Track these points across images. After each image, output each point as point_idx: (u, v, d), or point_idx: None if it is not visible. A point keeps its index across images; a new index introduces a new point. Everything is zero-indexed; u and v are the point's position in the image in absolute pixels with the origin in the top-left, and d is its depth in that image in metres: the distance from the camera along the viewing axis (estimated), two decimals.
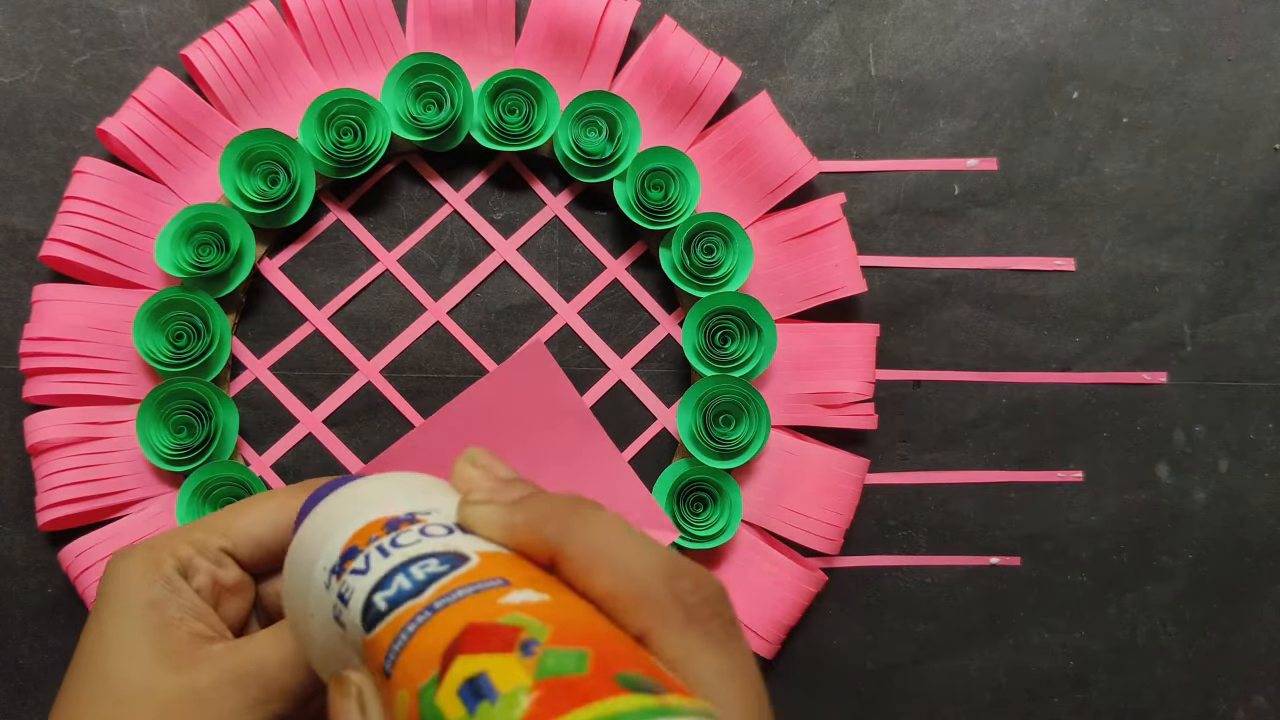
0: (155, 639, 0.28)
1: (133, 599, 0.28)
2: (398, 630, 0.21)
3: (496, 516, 0.24)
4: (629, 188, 0.46)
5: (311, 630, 0.25)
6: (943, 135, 0.49)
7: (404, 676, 0.20)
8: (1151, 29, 0.50)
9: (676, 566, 0.22)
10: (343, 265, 0.48)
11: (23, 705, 0.46)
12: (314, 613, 0.25)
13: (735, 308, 0.46)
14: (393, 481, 0.27)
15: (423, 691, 0.19)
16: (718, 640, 0.21)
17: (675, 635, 0.21)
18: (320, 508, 0.26)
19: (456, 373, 0.47)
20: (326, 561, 0.24)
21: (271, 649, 0.28)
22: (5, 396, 0.46)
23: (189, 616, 0.29)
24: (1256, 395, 0.50)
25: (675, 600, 0.21)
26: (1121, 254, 0.50)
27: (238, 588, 0.31)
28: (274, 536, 0.32)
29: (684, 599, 0.21)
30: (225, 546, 0.31)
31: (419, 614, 0.21)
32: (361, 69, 0.47)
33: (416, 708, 0.19)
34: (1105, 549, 0.50)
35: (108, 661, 0.28)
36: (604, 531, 0.23)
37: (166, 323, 0.44)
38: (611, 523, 0.23)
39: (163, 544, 0.30)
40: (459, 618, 0.20)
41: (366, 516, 0.25)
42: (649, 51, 0.47)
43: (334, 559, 0.24)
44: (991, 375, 0.49)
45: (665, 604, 0.21)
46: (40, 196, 0.46)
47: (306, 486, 0.33)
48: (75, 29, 0.47)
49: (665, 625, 0.21)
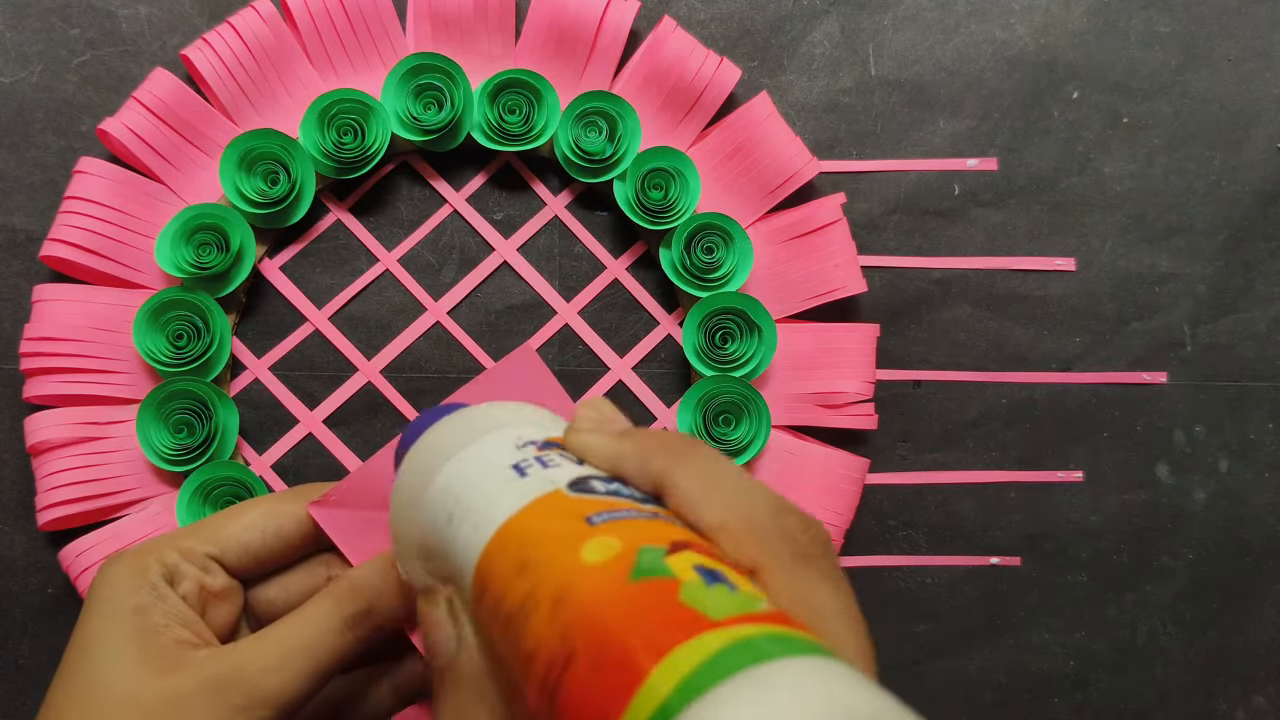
0: (140, 645, 0.28)
1: (118, 605, 0.29)
2: (611, 510, 0.22)
3: (606, 443, 0.25)
4: (629, 188, 0.46)
5: (413, 538, 0.26)
6: (943, 135, 0.49)
7: (620, 531, 0.21)
8: (1151, 29, 0.50)
9: (784, 504, 0.23)
10: (343, 265, 0.48)
11: (23, 705, 0.46)
12: (426, 517, 0.25)
13: (735, 308, 0.46)
14: (522, 409, 0.28)
15: (644, 550, 0.20)
16: (827, 578, 0.21)
17: (785, 571, 0.21)
18: (458, 416, 0.28)
19: (456, 373, 0.47)
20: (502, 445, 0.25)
21: (256, 655, 0.28)
22: (5, 396, 0.46)
23: (174, 623, 0.29)
24: (1256, 395, 0.50)
25: (784, 536, 0.22)
26: (1121, 254, 0.50)
27: (225, 594, 0.31)
28: (262, 543, 0.32)
29: (793, 535, 0.22)
30: (212, 553, 0.31)
31: (633, 512, 0.22)
32: (361, 69, 0.47)
33: (630, 558, 0.19)
34: (1105, 549, 0.50)
35: (92, 667, 0.28)
36: (714, 466, 0.23)
37: (166, 323, 0.44)
38: (719, 459, 0.24)
39: (149, 550, 0.30)
40: (671, 529, 0.21)
41: (520, 428, 0.26)
42: (649, 51, 0.47)
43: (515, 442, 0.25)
44: (991, 375, 0.49)
45: (774, 539, 0.21)
46: (40, 196, 0.46)
47: (297, 493, 0.33)
48: (75, 29, 0.47)
49: (775, 560, 0.21)
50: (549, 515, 0.22)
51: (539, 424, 0.28)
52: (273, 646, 0.29)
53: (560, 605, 0.19)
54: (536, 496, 0.23)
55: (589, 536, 0.21)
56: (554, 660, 0.18)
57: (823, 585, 0.21)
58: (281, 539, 0.32)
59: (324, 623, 0.29)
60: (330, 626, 0.29)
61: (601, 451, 0.25)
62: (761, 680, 0.16)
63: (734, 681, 0.16)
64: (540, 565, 0.21)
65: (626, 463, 0.24)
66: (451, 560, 0.24)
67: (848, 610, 0.21)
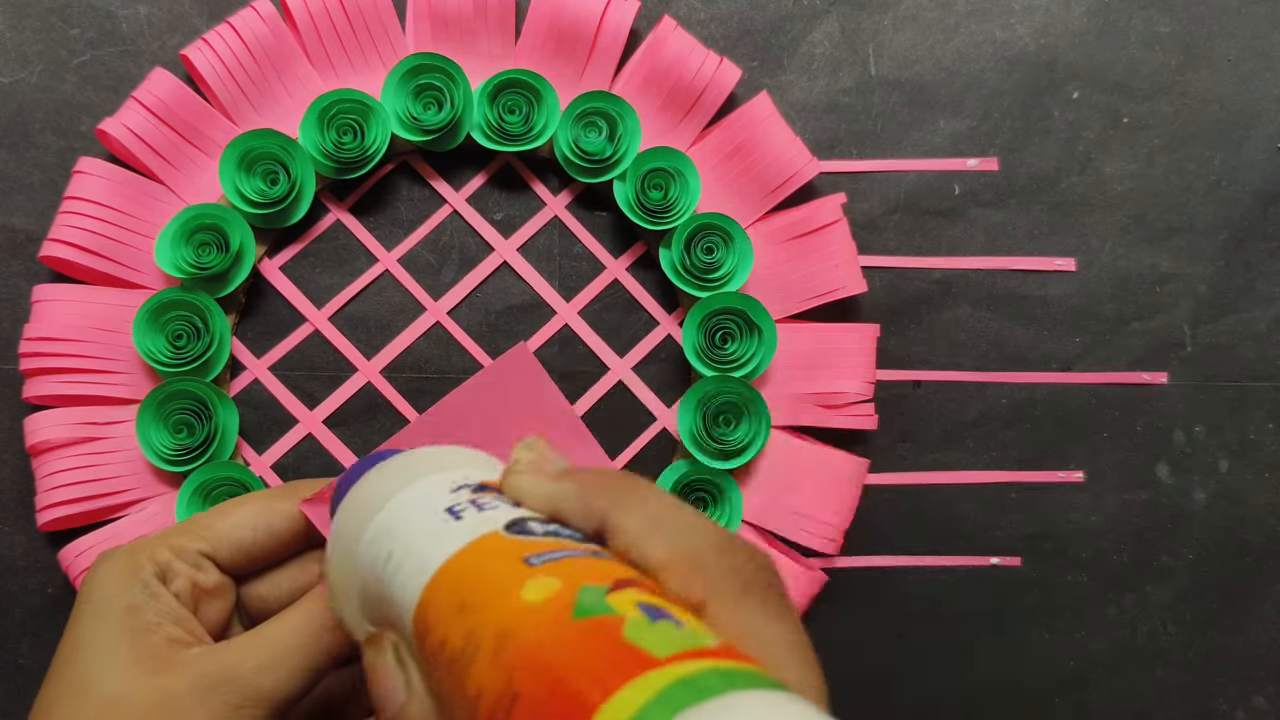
0: (131, 643, 0.28)
1: (110, 604, 0.29)
2: (549, 550, 0.21)
3: (543, 485, 0.24)
4: (629, 188, 0.46)
5: (352, 585, 0.26)
6: (943, 135, 0.49)
7: (560, 570, 0.20)
8: (1151, 29, 0.50)
9: (729, 539, 0.22)
10: (343, 265, 0.48)
11: (23, 705, 0.46)
12: (364, 562, 0.25)
13: (735, 308, 0.46)
14: (456, 452, 0.28)
15: (585, 589, 0.19)
16: (775, 612, 0.21)
17: (732, 606, 0.21)
18: (392, 462, 0.27)
19: (456, 373, 0.47)
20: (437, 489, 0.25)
21: (248, 654, 0.28)
22: (5, 396, 0.46)
23: (166, 621, 0.29)
24: (1256, 395, 0.50)
25: (730, 570, 0.21)
26: (1122, 254, 0.50)
27: (217, 591, 0.31)
28: (254, 540, 0.32)
29: (739, 568, 0.21)
30: (205, 550, 0.31)
31: (572, 550, 0.22)
32: (361, 69, 0.47)
33: (570, 597, 0.19)
34: (1105, 549, 0.50)
35: (84, 666, 0.28)
36: (657, 503, 0.23)
37: (166, 323, 0.44)
38: (662, 496, 0.23)
39: (141, 548, 0.30)
40: (613, 567, 0.21)
41: (453, 471, 0.26)
42: (649, 51, 0.47)
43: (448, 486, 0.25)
44: (992, 375, 0.49)
45: (720, 573, 0.21)
46: (40, 196, 0.46)
47: (289, 489, 0.33)
48: (75, 29, 0.47)
49: (721, 596, 0.21)
50: (486, 556, 0.22)
51: (477, 466, 0.27)
52: (266, 645, 0.29)
53: (502, 646, 0.19)
54: (473, 539, 0.23)
55: (528, 577, 0.20)
56: (499, 703, 0.18)
57: (772, 619, 0.21)
58: (274, 536, 0.32)
59: (317, 620, 0.29)
60: (323, 624, 0.29)
61: (539, 493, 0.24)
62: (710, 717, 0.15)
63: (697, 711, 0.15)
64: (480, 607, 0.20)
65: (566, 503, 0.24)
66: (392, 604, 0.24)
67: (798, 643, 0.21)
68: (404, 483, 0.26)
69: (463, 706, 0.19)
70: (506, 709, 0.18)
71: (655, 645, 0.17)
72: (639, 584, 0.20)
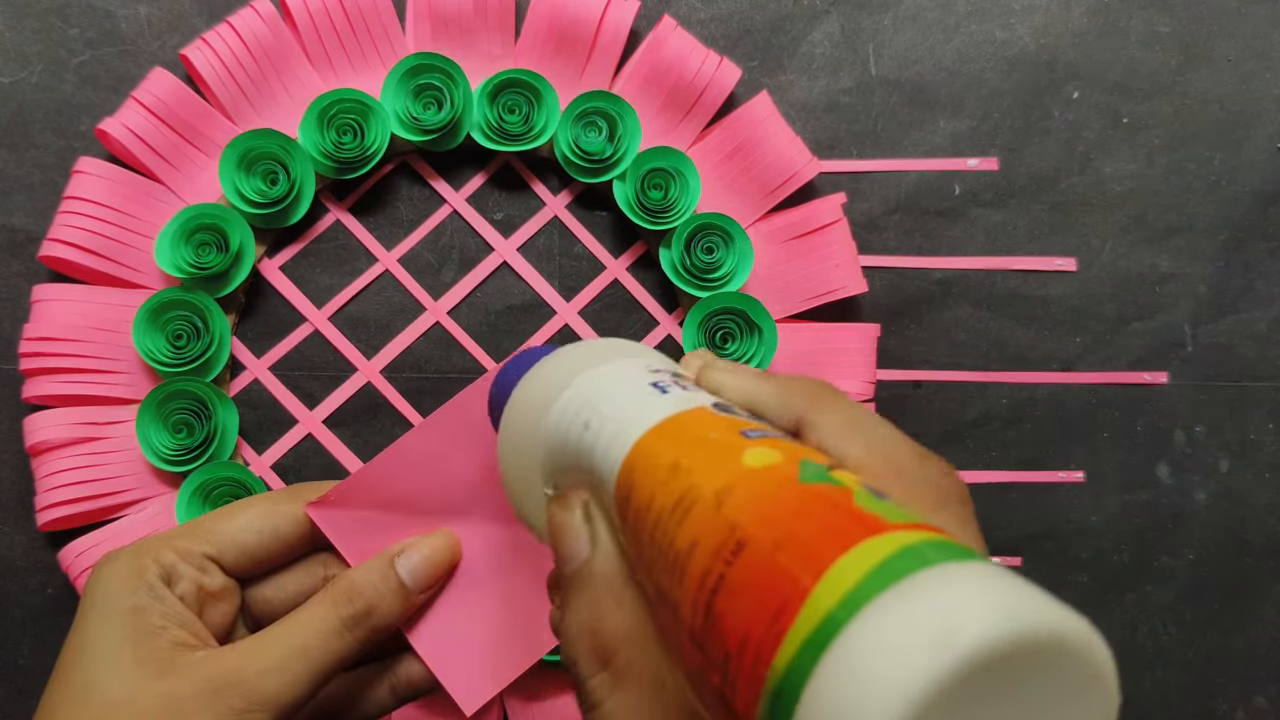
0: (136, 646, 0.28)
1: (115, 606, 0.28)
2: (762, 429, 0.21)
3: (746, 380, 0.24)
4: (629, 188, 0.46)
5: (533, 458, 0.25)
6: (943, 135, 0.49)
7: (778, 445, 0.20)
8: (1151, 29, 0.50)
9: (926, 451, 0.22)
10: (343, 265, 0.48)
11: (23, 705, 0.46)
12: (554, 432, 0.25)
13: (735, 308, 0.46)
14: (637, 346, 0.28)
15: (807, 462, 0.19)
16: (968, 524, 0.21)
17: (929, 512, 0.21)
18: (573, 348, 0.27)
19: (456, 373, 0.47)
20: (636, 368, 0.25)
21: (253, 657, 0.28)
22: (5, 396, 0.46)
23: (171, 624, 0.29)
24: (1257, 395, 0.50)
25: (929, 481, 0.21)
26: (1122, 254, 0.50)
27: (222, 594, 0.31)
28: (259, 542, 0.32)
29: (937, 482, 0.21)
30: (209, 552, 0.31)
31: (780, 433, 0.21)
32: (361, 69, 0.47)
33: (793, 467, 0.19)
34: (1106, 549, 0.50)
35: (89, 669, 0.28)
36: (855, 409, 0.23)
37: (166, 323, 0.44)
38: (860, 406, 0.23)
39: (146, 550, 0.30)
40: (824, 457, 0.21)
41: (644, 358, 0.26)
42: (649, 51, 0.47)
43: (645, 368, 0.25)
44: (992, 375, 0.49)
45: (918, 481, 0.21)
46: (40, 196, 0.46)
47: (294, 492, 0.33)
48: (75, 29, 0.47)
49: (919, 501, 0.21)
50: (700, 425, 0.22)
51: (664, 361, 0.27)
52: (271, 648, 0.29)
53: (725, 500, 0.18)
54: (682, 409, 0.22)
55: (747, 446, 0.20)
56: (719, 551, 0.18)
57: (964, 530, 0.21)
58: (279, 539, 0.32)
59: (323, 624, 0.29)
60: (329, 628, 0.29)
61: (741, 387, 0.24)
62: (955, 574, 0.15)
63: (931, 572, 0.15)
64: (698, 467, 0.20)
65: (765, 398, 0.24)
66: (589, 469, 0.23)
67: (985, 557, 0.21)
68: (594, 363, 0.26)
69: (670, 561, 0.19)
70: (728, 557, 0.17)
71: (887, 514, 0.17)
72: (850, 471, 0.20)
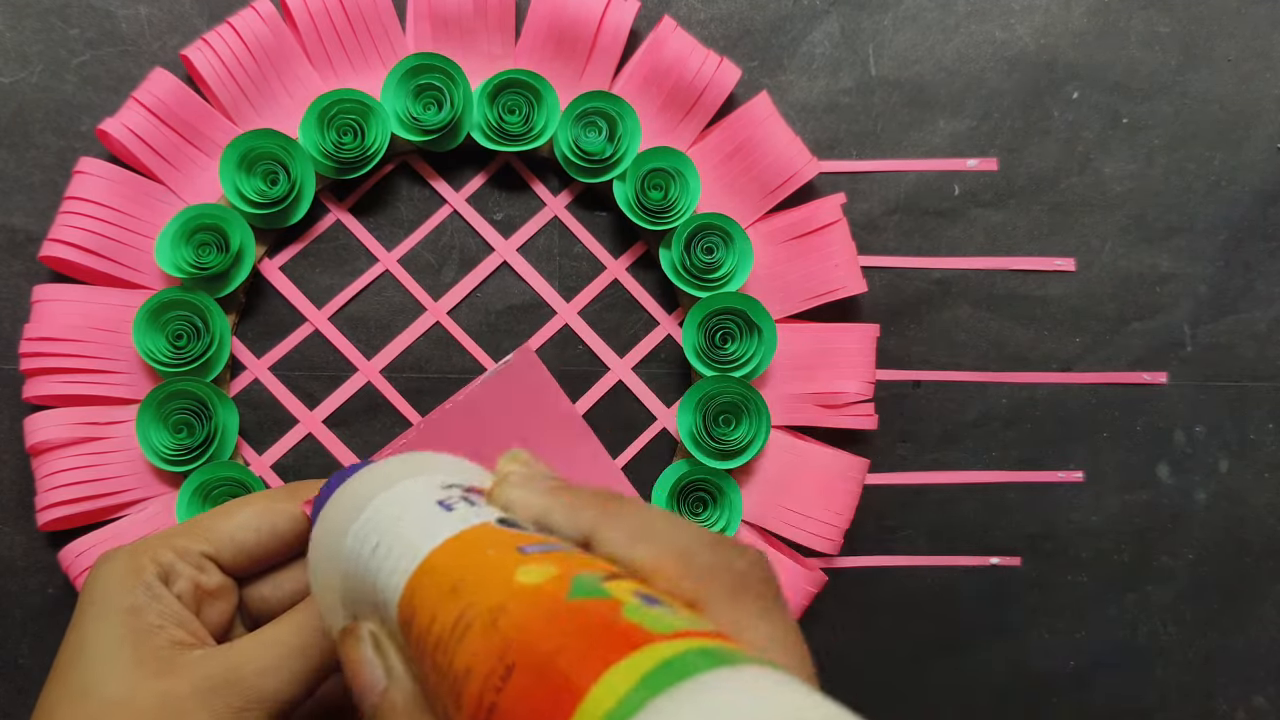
0: (134, 646, 0.28)
1: (113, 605, 0.28)
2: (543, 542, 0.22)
3: (534, 497, 0.24)
4: (629, 188, 0.46)
5: (332, 582, 0.25)
6: (943, 135, 0.49)
7: (554, 559, 0.20)
8: (1151, 29, 0.50)
9: (721, 538, 0.22)
10: (343, 265, 0.48)
11: (23, 705, 0.46)
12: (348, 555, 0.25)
13: (735, 308, 0.46)
14: (444, 459, 0.28)
15: (581, 575, 0.19)
16: (769, 608, 0.21)
17: (726, 603, 0.20)
18: (379, 465, 0.27)
19: (456, 373, 0.47)
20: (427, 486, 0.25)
21: (251, 656, 0.28)
22: (5, 396, 0.46)
23: (169, 623, 0.29)
24: (1256, 395, 0.50)
25: (723, 567, 0.21)
26: (1122, 254, 0.50)
27: (220, 592, 0.31)
28: (257, 541, 0.32)
29: (732, 565, 0.21)
30: (207, 551, 0.31)
31: (560, 545, 0.22)
32: (361, 69, 0.47)
33: (566, 581, 0.19)
34: (1105, 549, 0.50)
35: (87, 668, 0.28)
36: (645, 513, 0.23)
37: (166, 323, 0.44)
38: (651, 508, 0.23)
39: (144, 549, 0.30)
40: (606, 564, 0.21)
41: (442, 474, 0.26)
42: (649, 51, 0.47)
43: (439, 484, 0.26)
44: (992, 375, 0.49)
45: (713, 573, 0.21)
46: (40, 196, 0.46)
47: (292, 490, 0.33)
48: (75, 29, 0.47)
49: (714, 593, 0.20)
50: (479, 543, 0.22)
51: (465, 474, 0.27)
52: (269, 647, 0.29)
53: (496, 622, 0.19)
54: (465, 528, 0.23)
55: (523, 562, 0.20)
56: (490, 677, 0.18)
57: (765, 615, 0.20)
58: (276, 537, 0.32)
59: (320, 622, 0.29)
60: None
61: (527, 504, 0.24)
62: (716, 683, 0.15)
63: (690, 684, 0.15)
64: (473, 588, 0.20)
65: (554, 515, 0.23)
66: (377, 590, 0.24)
67: (792, 641, 0.20)
68: (392, 482, 0.26)
69: (450, 685, 0.19)
70: (498, 684, 0.18)
71: (654, 624, 0.17)
72: (632, 578, 0.20)
